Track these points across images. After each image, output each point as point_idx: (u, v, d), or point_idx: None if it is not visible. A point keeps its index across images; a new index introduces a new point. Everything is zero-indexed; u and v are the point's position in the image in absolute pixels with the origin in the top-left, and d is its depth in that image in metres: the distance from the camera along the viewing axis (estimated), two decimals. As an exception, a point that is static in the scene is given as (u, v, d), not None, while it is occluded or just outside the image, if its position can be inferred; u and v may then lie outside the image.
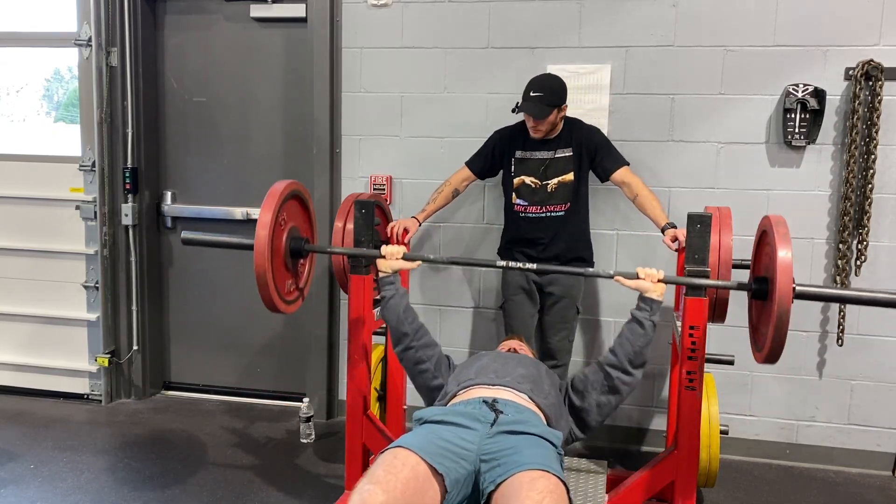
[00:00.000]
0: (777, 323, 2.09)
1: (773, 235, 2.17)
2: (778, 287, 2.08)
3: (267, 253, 2.44)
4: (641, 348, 2.33)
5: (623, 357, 2.33)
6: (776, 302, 2.09)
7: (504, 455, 1.96)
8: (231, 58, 3.98)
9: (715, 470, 2.90)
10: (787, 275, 2.09)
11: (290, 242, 2.62)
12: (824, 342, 3.43)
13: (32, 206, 4.10)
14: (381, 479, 1.82)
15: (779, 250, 2.12)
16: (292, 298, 2.69)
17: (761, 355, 2.28)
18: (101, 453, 3.46)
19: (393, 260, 2.54)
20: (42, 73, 4.37)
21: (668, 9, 3.38)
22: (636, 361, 2.33)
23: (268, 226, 2.45)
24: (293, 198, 2.67)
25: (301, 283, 2.75)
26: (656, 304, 2.36)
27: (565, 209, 3.18)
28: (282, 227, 2.57)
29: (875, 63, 3.18)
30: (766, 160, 3.38)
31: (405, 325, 2.47)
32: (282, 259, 2.58)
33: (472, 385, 2.31)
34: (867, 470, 3.43)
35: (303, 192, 2.73)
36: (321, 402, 3.93)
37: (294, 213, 2.70)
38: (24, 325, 4.21)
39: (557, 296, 3.24)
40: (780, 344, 2.13)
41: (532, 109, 3.03)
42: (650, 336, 2.34)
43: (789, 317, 2.09)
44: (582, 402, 2.37)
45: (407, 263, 2.56)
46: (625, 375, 2.33)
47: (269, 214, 2.46)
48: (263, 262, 2.43)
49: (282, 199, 2.53)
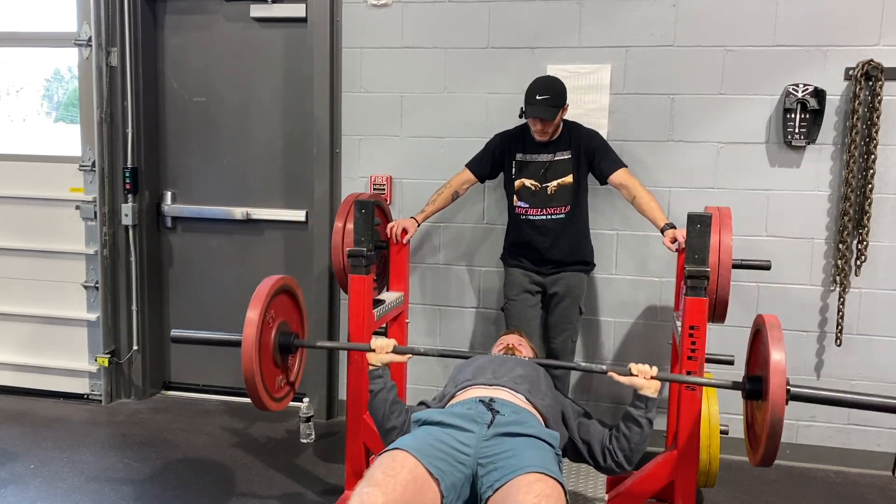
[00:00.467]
0: (770, 431, 2.04)
1: (767, 337, 2.12)
2: (771, 392, 2.04)
3: (255, 352, 2.36)
4: (638, 445, 2.29)
5: (621, 454, 2.30)
6: (770, 409, 2.04)
7: (501, 458, 1.95)
8: (231, 58, 3.98)
9: (715, 470, 2.90)
10: (781, 379, 2.03)
11: (279, 339, 2.53)
12: (823, 342, 3.43)
13: (32, 206, 4.10)
14: (380, 482, 1.83)
15: (772, 353, 2.07)
16: (282, 395, 2.60)
17: (756, 458, 2.21)
18: (101, 453, 3.46)
19: (383, 354, 2.45)
20: (42, 73, 4.38)
21: (668, 9, 3.38)
22: (632, 459, 2.31)
23: (255, 324, 2.37)
24: (283, 293, 2.59)
25: (291, 378, 2.67)
26: (651, 402, 2.31)
27: (565, 211, 3.19)
28: (270, 325, 2.49)
29: (875, 63, 3.18)
30: (766, 160, 3.38)
31: (392, 421, 2.38)
32: (270, 356, 2.50)
33: (470, 385, 2.31)
34: (867, 470, 3.43)
35: (292, 287, 2.66)
36: (321, 402, 3.93)
37: (283, 308, 2.61)
38: (24, 325, 4.21)
39: (560, 295, 3.25)
40: (774, 447, 2.07)
41: (543, 112, 3.03)
42: (647, 433, 2.30)
43: (783, 424, 2.04)
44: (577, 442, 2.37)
45: (398, 357, 2.48)
46: (616, 468, 2.33)
47: (257, 313, 2.39)
48: (251, 362, 2.36)
49: (269, 296, 2.46)
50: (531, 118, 3.09)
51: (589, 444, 2.35)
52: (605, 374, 2.39)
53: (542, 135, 3.12)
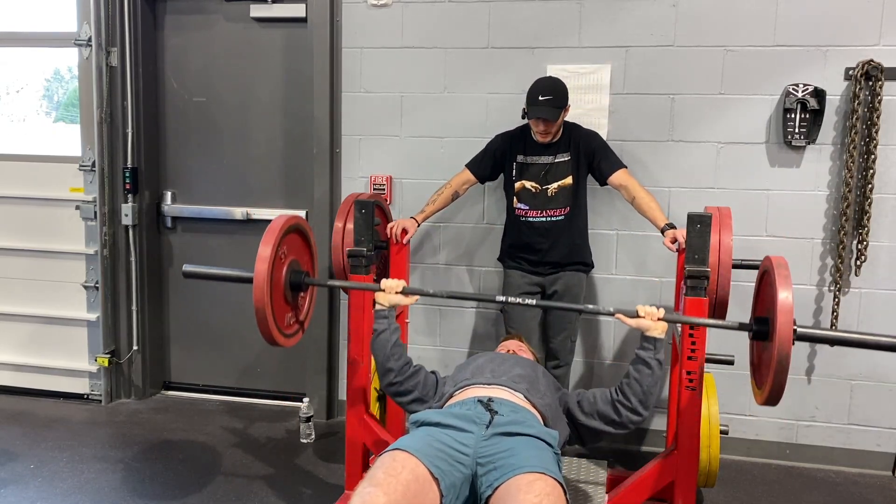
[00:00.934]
0: (777, 367, 2.05)
1: (774, 277, 2.12)
2: (779, 330, 2.04)
3: (266, 287, 2.40)
4: (650, 387, 2.28)
5: (634, 399, 2.28)
6: (776, 346, 2.04)
7: (500, 458, 1.95)
8: (231, 58, 3.98)
9: (715, 470, 2.90)
10: (788, 318, 2.04)
11: (290, 276, 2.57)
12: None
13: (32, 206, 4.10)
14: (381, 482, 1.83)
15: (779, 292, 2.07)
16: (292, 332, 2.66)
17: (762, 397, 2.23)
18: (101, 453, 3.46)
19: (391, 294, 2.50)
20: (42, 73, 4.38)
21: (668, 9, 3.38)
22: (647, 402, 2.28)
23: (267, 260, 2.41)
24: (294, 231, 2.63)
25: (301, 317, 2.72)
26: (659, 343, 2.30)
27: (565, 213, 3.19)
28: (282, 261, 2.53)
29: (875, 63, 3.18)
30: (765, 160, 3.38)
31: (391, 362, 2.43)
32: (281, 293, 2.54)
33: (469, 385, 2.32)
34: (867, 470, 3.43)
35: (304, 227, 2.71)
36: (321, 402, 3.93)
37: (295, 246, 2.65)
38: (24, 325, 4.21)
39: (560, 294, 3.25)
40: (780, 387, 2.08)
41: (546, 113, 3.02)
42: (658, 375, 2.29)
43: (789, 361, 2.05)
44: (586, 420, 2.34)
45: (404, 298, 2.52)
46: (634, 416, 2.29)
47: (269, 248, 2.42)
48: (262, 296, 2.39)
49: (282, 233, 2.50)
50: (534, 119, 3.08)
51: (598, 411, 2.32)
52: (612, 316, 2.39)
53: (545, 136, 3.12)
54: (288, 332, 2.62)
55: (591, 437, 2.39)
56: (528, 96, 3.07)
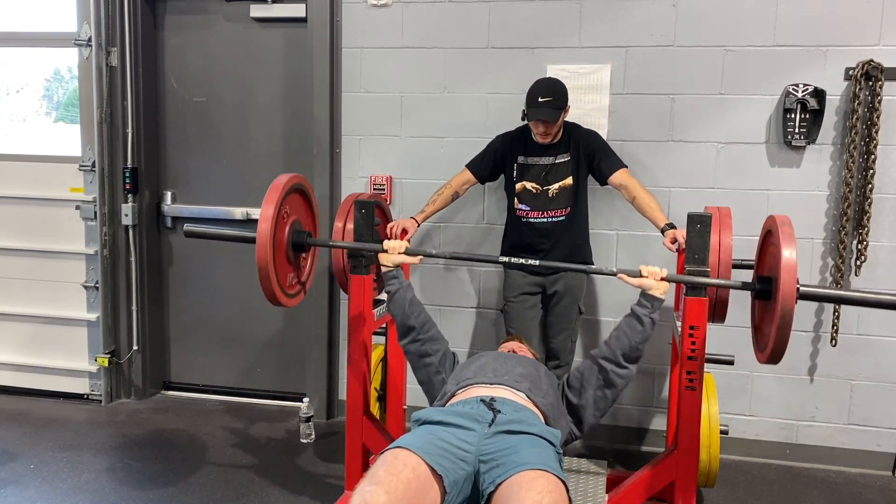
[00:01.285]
0: (780, 323, 2.07)
1: (779, 235, 2.15)
2: (782, 287, 2.06)
3: (269, 246, 2.42)
4: (638, 344, 2.32)
5: (618, 351, 2.32)
6: (780, 302, 2.07)
7: (503, 455, 1.96)
8: (231, 58, 3.98)
9: (715, 470, 2.90)
10: (792, 275, 2.07)
11: (292, 236, 2.61)
12: (825, 342, 3.43)
13: (32, 206, 4.10)
14: (382, 480, 1.83)
15: (783, 250, 2.09)
16: (294, 292, 2.67)
17: (764, 355, 2.27)
18: (101, 453, 3.46)
19: (395, 254, 2.55)
20: (42, 73, 4.37)
21: (668, 9, 3.38)
22: (631, 356, 2.32)
23: (270, 219, 2.43)
24: (296, 191, 2.66)
25: (303, 277, 2.74)
26: (658, 302, 2.35)
27: (566, 214, 3.19)
28: (284, 221, 2.56)
29: (875, 63, 3.18)
30: (765, 160, 3.38)
31: (412, 319, 2.47)
32: (284, 252, 2.57)
33: (471, 384, 2.32)
34: (867, 470, 3.43)
35: (305, 186, 2.72)
36: (321, 402, 3.93)
37: (297, 206, 2.69)
38: (24, 325, 4.21)
39: (560, 294, 3.25)
40: (782, 344, 2.11)
41: (546, 115, 3.02)
42: (648, 333, 2.32)
43: (793, 317, 2.07)
44: (579, 398, 2.37)
45: (409, 258, 2.57)
46: (619, 369, 2.32)
47: (272, 207, 2.45)
48: (265, 255, 2.41)
49: (284, 192, 2.52)
50: (534, 121, 3.08)
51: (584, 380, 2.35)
52: (614, 276, 2.41)
53: (545, 137, 3.12)
54: (290, 291, 2.63)
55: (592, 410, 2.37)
56: (528, 98, 3.07)
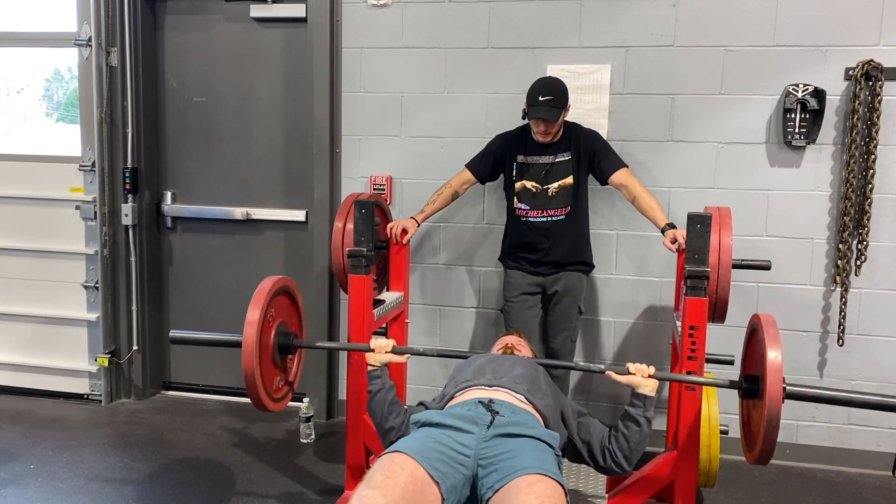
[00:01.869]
0: (767, 426, 2.06)
1: (763, 335, 2.13)
2: (768, 389, 2.05)
3: (255, 351, 2.37)
4: (637, 444, 2.29)
5: (620, 454, 2.30)
6: (766, 404, 2.06)
7: (501, 459, 1.95)
8: (231, 58, 3.98)
9: (715, 470, 2.90)
10: (777, 377, 2.05)
11: (278, 339, 2.54)
12: (825, 342, 3.43)
13: (32, 206, 4.10)
14: (379, 484, 1.82)
15: (769, 352, 2.09)
16: (281, 395, 2.61)
17: (752, 455, 2.23)
18: (101, 453, 3.46)
19: (382, 353, 2.48)
20: (42, 73, 4.38)
21: (668, 9, 3.38)
22: (632, 458, 2.31)
23: (255, 324, 2.38)
24: (282, 293, 2.60)
25: (290, 378, 2.68)
26: (649, 400, 2.31)
27: (566, 213, 3.19)
28: (270, 324, 2.50)
29: (875, 63, 3.18)
30: (766, 160, 3.38)
31: (390, 421, 2.39)
32: (270, 356, 2.52)
33: (469, 386, 2.31)
34: (867, 470, 3.43)
35: (291, 288, 2.67)
36: (321, 402, 3.93)
37: (282, 308, 2.62)
38: (24, 325, 4.21)
39: (560, 294, 3.25)
40: (771, 446, 2.09)
41: (547, 114, 3.02)
42: (646, 433, 2.30)
43: (779, 419, 2.06)
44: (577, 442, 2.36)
45: (396, 357, 2.51)
46: (616, 468, 2.32)
47: (258, 312, 2.40)
48: (251, 361, 2.37)
49: (270, 295, 2.47)
50: (534, 120, 3.08)
51: (589, 443, 2.35)
52: (603, 374, 2.39)
53: (545, 136, 3.12)
54: (277, 395, 2.57)
55: (572, 455, 2.39)
56: (528, 97, 3.07)
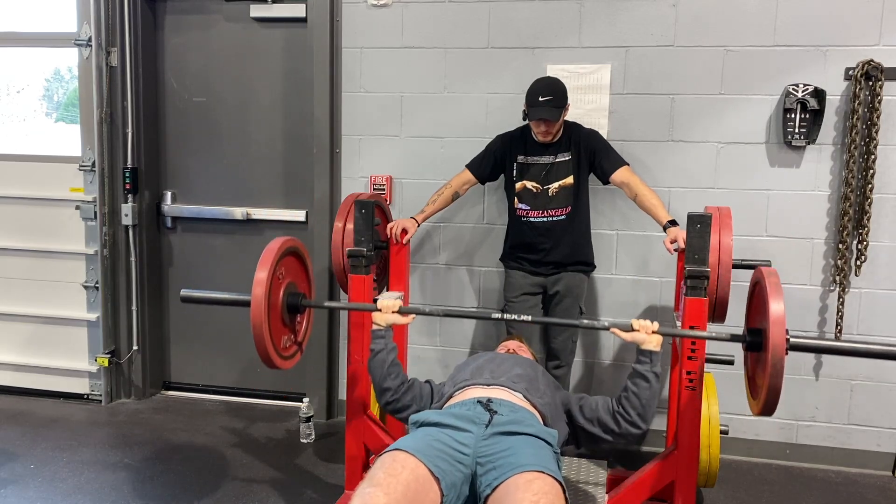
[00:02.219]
0: (772, 374, 2.08)
1: (766, 287, 2.15)
2: (772, 340, 2.07)
3: (264, 309, 2.40)
4: (649, 400, 2.29)
5: (634, 413, 2.29)
6: (770, 354, 2.08)
7: (500, 457, 1.96)
8: (231, 58, 3.98)
9: (715, 470, 2.90)
10: (781, 328, 2.07)
11: (287, 298, 2.57)
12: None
13: (32, 206, 4.10)
14: (381, 482, 1.83)
15: (771, 303, 2.10)
16: (289, 354, 2.65)
17: (758, 406, 2.25)
18: (101, 453, 3.46)
19: (388, 314, 2.51)
20: (42, 73, 4.37)
21: (668, 9, 3.38)
22: (646, 415, 2.30)
23: (264, 283, 2.41)
24: (290, 254, 2.64)
25: (299, 338, 2.72)
26: (655, 355, 2.32)
27: (566, 213, 3.19)
28: (279, 283, 2.53)
29: (875, 63, 3.18)
30: (766, 160, 3.38)
31: (388, 381, 2.43)
32: (279, 315, 2.54)
33: (468, 386, 2.32)
34: (867, 470, 3.43)
35: (300, 249, 2.70)
36: (321, 402, 3.93)
37: (291, 269, 2.65)
38: (24, 325, 4.21)
39: (561, 295, 3.25)
40: (775, 396, 2.11)
41: (547, 114, 3.02)
42: (656, 388, 2.30)
43: (783, 368, 2.07)
44: (586, 424, 2.35)
45: (401, 318, 2.53)
46: (633, 428, 2.31)
47: (266, 271, 2.42)
48: (260, 319, 2.40)
49: (278, 255, 2.49)
50: (535, 120, 3.08)
51: (598, 419, 2.33)
52: (607, 330, 2.41)
53: (546, 136, 3.12)
54: (286, 354, 2.61)
55: (589, 441, 2.39)
56: (528, 97, 3.07)
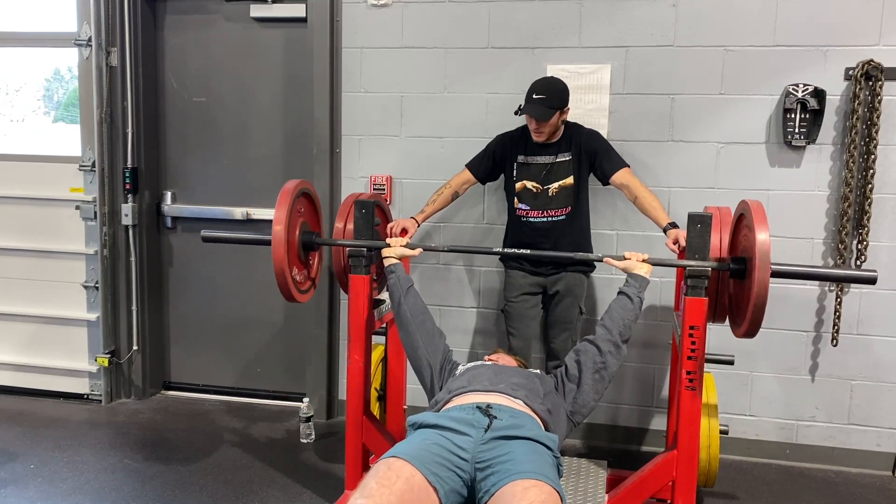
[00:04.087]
0: (756, 301, 2.22)
1: (752, 218, 2.29)
2: (758, 264, 2.21)
3: (284, 247, 2.62)
4: (630, 322, 2.46)
5: (615, 330, 2.44)
6: (756, 281, 2.22)
7: (498, 463, 1.95)
8: (231, 58, 3.98)
9: (715, 470, 2.91)
10: (766, 254, 2.22)
11: (302, 237, 2.79)
12: (825, 342, 3.43)
13: (32, 206, 4.10)
14: (373, 493, 1.80)
15: (758, 233, 2.25)
16: (306, 288, 2.90)
17: (741, 329, 2.39)
18: (101, 453, 3.46)
19: (397, 247, 2.74)
20: (42, 73, 4.37)
21: (668, 9, 3.38)
22: (625, 335, 2.46)
23: (283, 221, 2.63)
24: (303, 195, 2.85)
25: (312, 274, 2.96)
26: (643, 280, 2.52)
27: (566, 213, 3.19)
28: (295, 222, 2.75)
29: (875, 63, 3.18)
30: (766, 160, 3.38)
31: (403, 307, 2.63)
32: (296, 252, 2.77)
33: (466, 391, 2.30)
34: (867, 470, 3.43)
35: (311, 190, 2.92)
36: (321, 402, 3.93)
37: (304, 209, 2.87)
38: (24, 325, 4.21)
39: (561, 294, 3.25)
40: (757, 321, 2.27)
41: (534, 111, 3.03)
42: (637, 311, 2.48)
43: (767, 292, 2.22)
44: (578, 386, 2.42)
45: (409, 251, 2.75)
46: (614, 348, 2.43)
47: (284, 211, 2.65)
48: (281, 256, 2.62)
49: (294, 195, 2.71)
50: (525, 116, 3.09)
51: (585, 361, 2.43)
52: (601, 261, 2.70)
53: (538, 134, 3.12)
54: (302, 288, 2.86)
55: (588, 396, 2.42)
56: (526, 94, 3.08)
